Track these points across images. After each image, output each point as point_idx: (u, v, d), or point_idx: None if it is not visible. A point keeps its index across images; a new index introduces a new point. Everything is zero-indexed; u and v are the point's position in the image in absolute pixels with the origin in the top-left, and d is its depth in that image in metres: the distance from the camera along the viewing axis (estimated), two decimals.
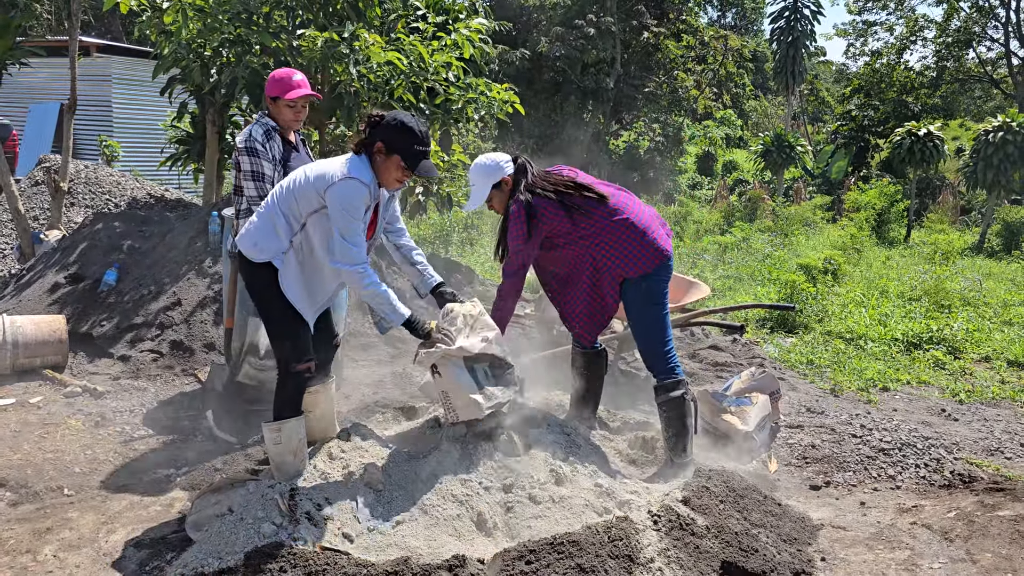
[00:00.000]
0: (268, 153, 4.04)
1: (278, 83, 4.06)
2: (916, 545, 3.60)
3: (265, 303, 3.37)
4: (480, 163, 3.78)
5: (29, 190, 8.99)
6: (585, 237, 3.73)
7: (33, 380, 5.19)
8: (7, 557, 3.21)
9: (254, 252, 3.33)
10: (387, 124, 3.27)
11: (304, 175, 3.30)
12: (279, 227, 3.30)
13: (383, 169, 3.31)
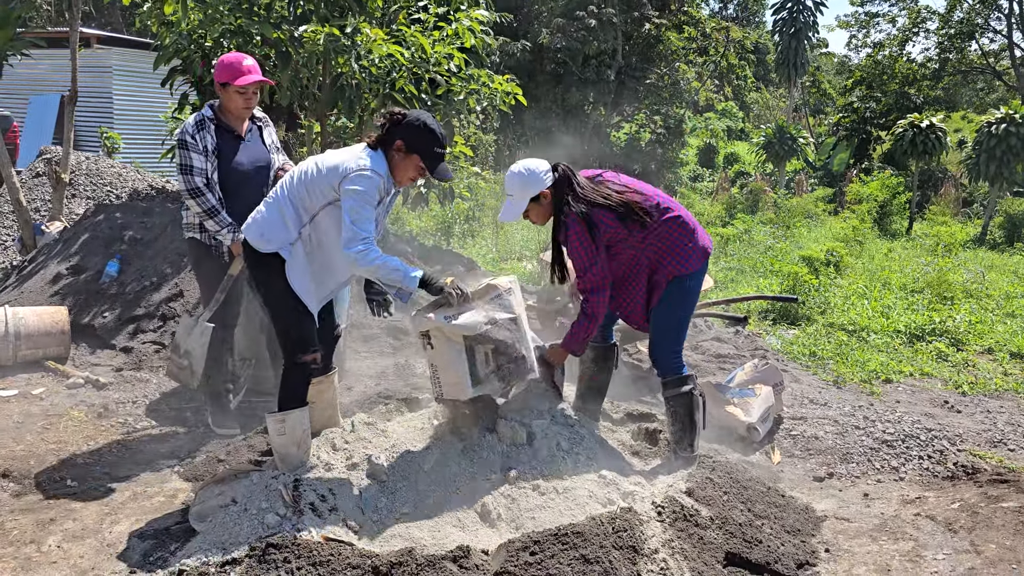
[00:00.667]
0: (199, 144, 3.96)
1: (227, 68, 3.95)
2: (920, 536, 3.59)
3: (271, 294, 3.35)
4: (518, 173, 3.54)
5: (30, 181, 8.97)
6: (641, 240, 3.61)
7: (35, 371, 5.19)
8: (11, 547, 3.21)
9: (261, 242, 3.31)
10: (410, 123, 3.27)
11: (316, 167, 3.29)
12: (287, 218, 3.29)
13: (400, 167, 3.32)
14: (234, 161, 4.07)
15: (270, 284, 3.34)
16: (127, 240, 6.44)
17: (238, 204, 4.07)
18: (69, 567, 3.11)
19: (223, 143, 4.06)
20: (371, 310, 3.69)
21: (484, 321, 3.38)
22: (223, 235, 4.05)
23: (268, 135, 4.30)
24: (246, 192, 4.09)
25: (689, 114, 30.30)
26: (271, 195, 3.38)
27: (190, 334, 4.22)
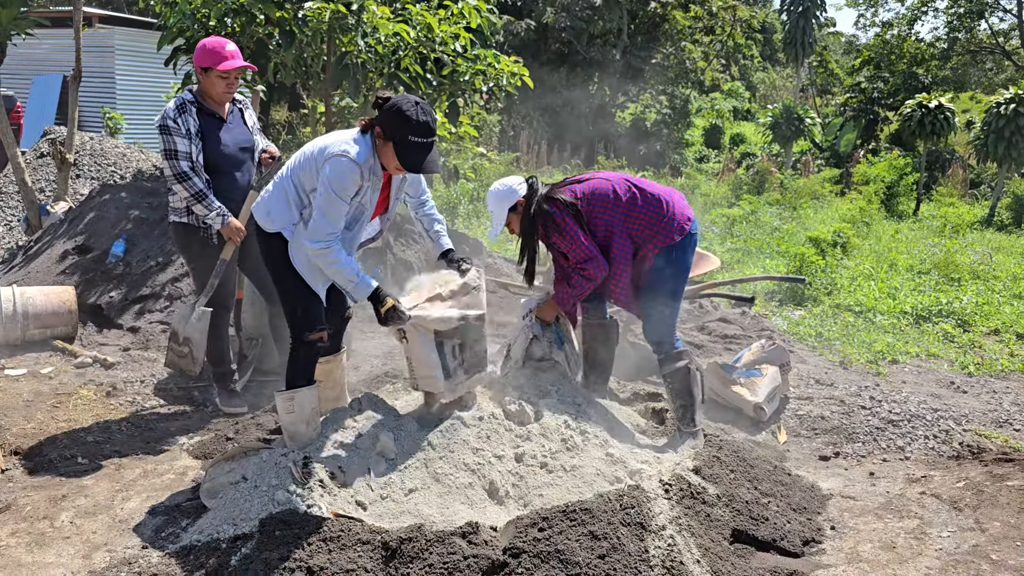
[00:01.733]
0: (181, 128, 3.93)
1: (210, 53, 3.91)
2: (925, 514, 3.61)
3: (278, 273, 3.36)
4: (495, 191, 3.83)
5: (35, 162, 8.97)
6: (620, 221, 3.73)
7: (44, 351, 5.21)
8: (25, 523, 3.25)
9: (267, 222, 3.31)
10: (387, 109, 3.11)
11: (312, 148, 3.24)
12: (291, 198, 3.27)
13: (383, 154, 3.18)
14: (217, 143, 4.04)
15: (276, 263, 3.34)
16: (132, 220, 6.45)
17: (223, 186, 4.08)
18: (82, 542, 3.14)
19: (206, 126, 4.02)
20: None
21: (457, 317, 3.41)
22: (212, 219, 4.03)
23: (249, 117, 4.27)
24: (231, 174, 4.09)
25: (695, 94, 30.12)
26: (278, 175, 3.36)
27: (187, 321, 4.22)
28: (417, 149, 3.10)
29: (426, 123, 3.09)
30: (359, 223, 3.36)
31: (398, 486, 3.15)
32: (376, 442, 3.31)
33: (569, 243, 3.70)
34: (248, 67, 4.01)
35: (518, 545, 2.78)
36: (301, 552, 2.78)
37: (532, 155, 19.01)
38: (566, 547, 2.78)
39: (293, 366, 3.38)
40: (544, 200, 3.76)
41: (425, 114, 3.10)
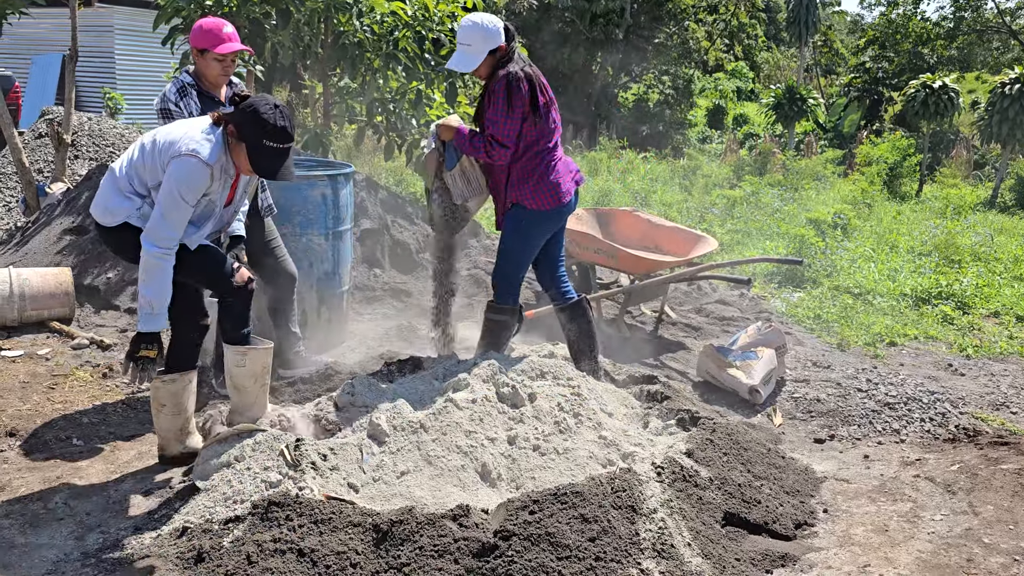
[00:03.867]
0: (183, 112, 3.81)
1: (206, 34, 3.78)
2: (919, 497, 3.61)
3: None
4: (481, 25, 3.72)
5: (33, 142, 8.94)
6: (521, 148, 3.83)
7: (40, 332, 5.21)
8: (19, 505, 3.26)
9: (107, 217, 3.12)
10: (243, 108, 2.99)
11: (157, 140, 3.05)
12: (126, 191, 3.10)
13: (236, 153, 3.06)
14: None
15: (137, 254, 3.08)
16: None
17: None
18: (75, 524, 3.15)
19: (206, 108, 3.90)
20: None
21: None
22: None
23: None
24: None
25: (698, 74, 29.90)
26: (109, 171, 3.18)
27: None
28: (272, 155, 2.99)
29: (284, 128, 2.97)
30: (209, 220, 3.19)
31: (390, 468, 3.16)
32: (369, 424, 3.31)
33: (499, 118, 3.72)
34: (246, 50, 3.94)
35: (508, 528, 2.79)
36: (293, 534, 2.79)
37: None
38: (556, 530, 2.78)
39: (230, 318, 3.32)
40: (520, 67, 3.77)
41: (284, 119, 2.98)
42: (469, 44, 3.74)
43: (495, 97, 3.72)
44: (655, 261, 5.54)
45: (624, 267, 5.51)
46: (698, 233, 6.02)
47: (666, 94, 26.21)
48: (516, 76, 3.71)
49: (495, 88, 3.72)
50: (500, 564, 2.69)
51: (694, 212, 10.33)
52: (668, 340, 5.64)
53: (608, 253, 5.46)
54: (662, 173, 14.61)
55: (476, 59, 3.73)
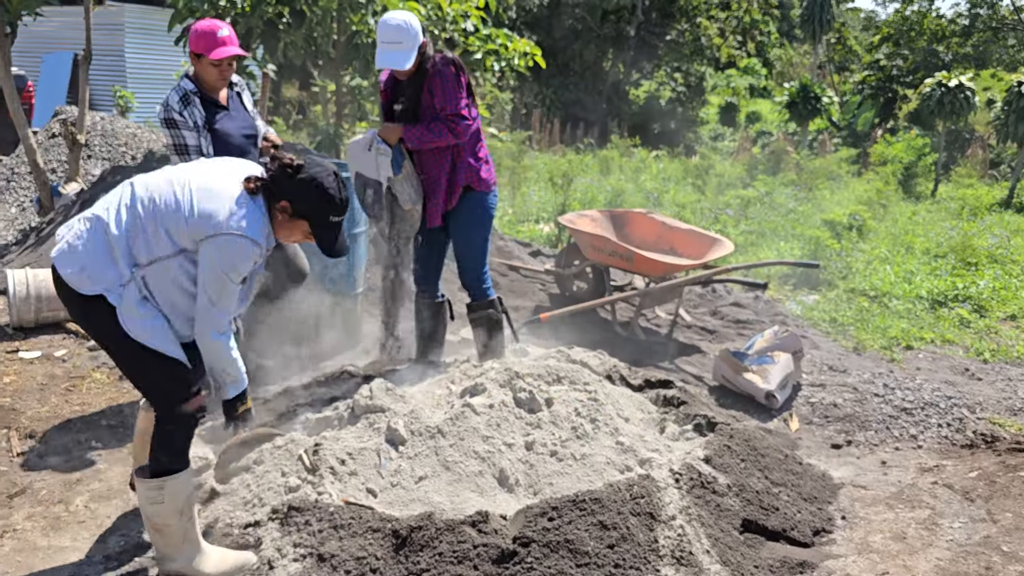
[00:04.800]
0: (188, 121, 3.69)
1: (202, 38, 3.66)
2: (937, 505, 3.60)
3: (115, 347, 2.59)
4: (407, 21, 3.79)
5: (46, 142, 8.99)
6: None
7: (57, 333, 5.24)
8: (41, 507, 3.29)
9: (81, 280, 2.51)
10: (301, 182, 2.62)
11: (175, 202, 2.53)
12: (120, 252, 2.53)
13: (283, 227, 2.70)
14: (221, 132, 3.83)
15: (107, 335, 2.56)
16: None
17: None
18: (96, 526, 3.18)
19: (209, 115, 3.80)
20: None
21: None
22: None
23: (247, 100, 4.08)
24: None
25: (710, 71, 29.79)
26: (93, 215, 2.58)
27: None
28: (335, 229, 2.72)
29: (347, 200, 2.73)
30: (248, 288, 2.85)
31: (408, 474, 3.16)
32: (387, 429, 3.31)
33: (451, 95, 3.83)
34: (242, 54, 3.76)
35: (528, 534, 2.79)
36: (313, 539, 2.80)
37: (545, 134, 18.88)
38: (576, 537, 2.78)
39: (165, 446, 2.65)
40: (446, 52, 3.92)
41: (345, 189, 2.73)
42: (400, 42, 3.80)
43: (442, 80, 3.84)
44: (671, 264, 5.52)
45: (639, 270, 5.50)
46: (713, 235, 6.00)
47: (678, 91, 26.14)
48: (454, 58, 3.90)
49: (440, 71, 3.84)
50: (520, 570, 2.69)
51: (708, 213, 10.30)
52: (683, 343, 5.63)
53: (623, 256, 5.45)
54: (674, 172, 14.57)
55: (410, 56, 3.80)
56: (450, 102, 3.84)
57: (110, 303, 2.50)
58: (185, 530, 2.71)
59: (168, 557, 2.74)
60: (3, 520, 3.20)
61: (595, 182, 12.52)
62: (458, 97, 3.86)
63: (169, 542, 2.71)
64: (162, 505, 2.66)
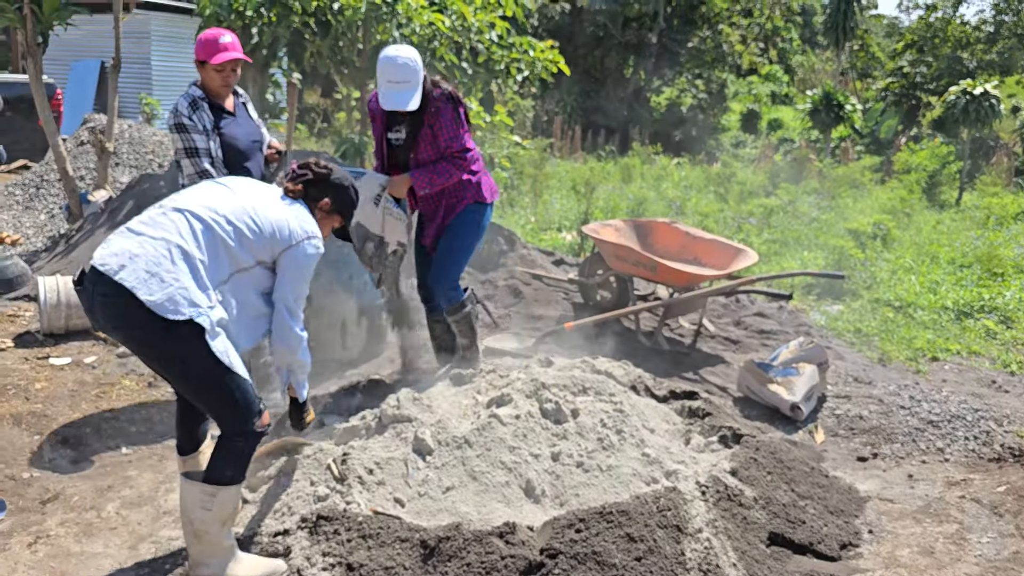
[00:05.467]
0: (198, 125, 3.77)
1: (204, 46, 3.79)
2: (965, 519, 3.57)
3: (199, 371, 2.65)
4: (413, 59, 3.79)
5: (75, 150, 9.12)
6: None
7: (86, 340, 5.32)
8: (73, 513, 3.34)
9: (168, 305, 2.53)
10: (339, 184, 3.03)
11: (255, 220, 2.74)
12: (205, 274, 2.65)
13: (322, 223, 3.02)
14: (229, 136, 3.94)
15: (190, 356, 2.61)
16: None
17: None
18: (128, 533, 3.22)
19: (217, 120, 3.91)
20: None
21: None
22: None
23: (252, 110, 4.19)
24: (244, 167, 4.00)
25: (732, 78, 29.70)
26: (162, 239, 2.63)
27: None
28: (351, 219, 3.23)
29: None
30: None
31: (435, 484, 3.18)
32: (414, 439, 3.34)
33: (455, 133, 3.92)
34: (244, 59, 3.88)
35: (555, 546, 2.80)
36: (341, 548, 2.83)
37: (566, 141, 18.90)
38: (603, 549, 2.79)
39: (233, 460, 2.76)
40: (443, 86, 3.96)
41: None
42: (407, 81, 3.80)
43: (444, 119, 3.89)
44: (694, 274, 5.52)
45: (663, 280, 5.50)
46: (737, 245, 5.98)
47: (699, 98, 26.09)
48: (452, 93, 3.93)
49: (441, 109, 3.88)
50: None
51: (730, 221, 10.26)
52: (707, 353, 5.62)
53: (647, 266, 5.45)
54: (696, 179, 14.54)
55: (416, 94, 3.81)
56: (455, 140, 3.93)
57: (197, 325, 2.56)
58: (223, 538, 2.78)
59: (202, 563, 2.79)
60: (36, 526, 3.26)
61: (617, 190, 12.52)
62: (461, 133, 3.94)
63: (205, 548, 2.76)
64: (209, 512, 2.73)
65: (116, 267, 2.54)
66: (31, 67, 6.85)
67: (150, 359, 2.71)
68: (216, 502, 2.72)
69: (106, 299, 2.57)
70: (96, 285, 2.58)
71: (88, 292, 2.63)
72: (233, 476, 2.75)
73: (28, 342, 5.22)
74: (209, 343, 2.59)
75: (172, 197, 2.83)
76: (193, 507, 2.74)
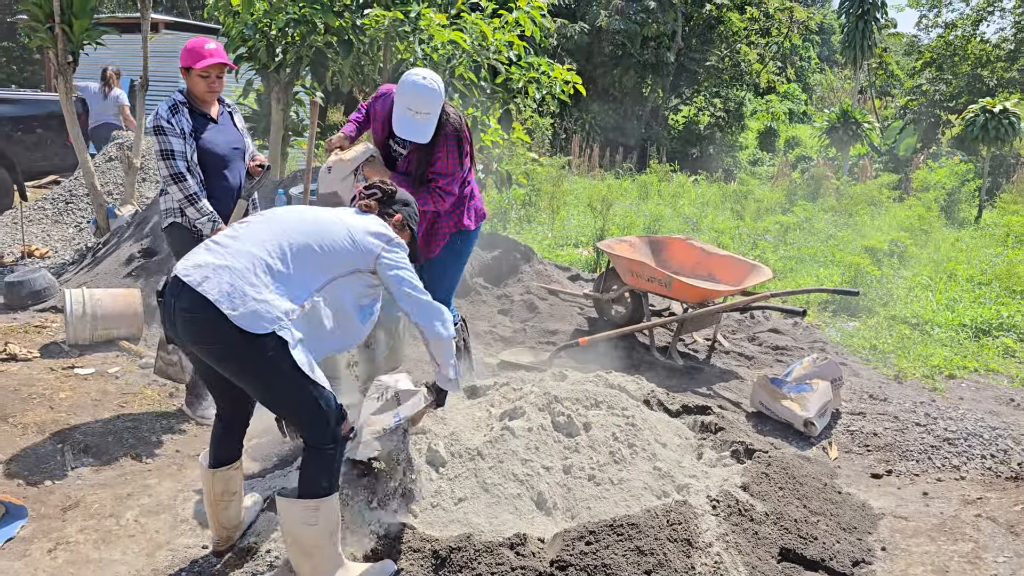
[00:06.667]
0: (176, 128, 3.93)
1: (189, 53, 3.96)
2: (980, 538, 3.55)
3: (283, 383, 2.65)
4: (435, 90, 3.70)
5: (103, 165, 9.30)
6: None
7: (110, 351, 5.42)
8: (92, 520, 3.40)
9: (255, 319, 2.55)
10: (404, 200, 3.14)
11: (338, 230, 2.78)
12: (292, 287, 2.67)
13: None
14: (210, 143, 4.07)
15: (275, 368, 2.61)
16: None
17: (215, 187, 4.09)
18: (146, 541, 3.28)
19: (197, 125, 4.05)
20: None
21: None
22: (202, 223, 4.01)
23: (238, 120, 4.31)
24: (222, 173, 4.12)
25: (749, 96, 29.71)
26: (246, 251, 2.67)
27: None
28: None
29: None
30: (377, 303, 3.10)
31: (448, 495, 3.22)
32: (427, 450, 3.38)
33: (449, 169, 3.89)
34: (227, 64, 4.02)
35: (565, 558, 2.83)
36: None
37: (584, 158, 18.98)
38: (613, 562, 2.81)
39: (325, 470, 2.73)
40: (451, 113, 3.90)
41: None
42: (429, 113, 3.72)
43: (447, 152, 3.86)
44: (709, 290, 5.54)
45: (678, 295, 5.52)
46: (752, 262, 6.00)
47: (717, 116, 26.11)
48: (463, 131, 3.91)
49: (447, 142, 3.85)
50: None
51: (746, 238, 10.26)
52: (721, 369, 5.63)
53: (662, 281, 5.48)
54: (712, 197, 14.55)
55: (434, 127, 3.78)
56: (444, 177, 3.89)
57: (279, 338, 2.57)
58: (334, 549, 2.76)
59: None
60: (57, 532, 3.32)
61: (633, 206, 12.55)
62: (453, 172, 3.90)
63: (318, 563, 2.74)
64: (315, 527, 2.70)
65: (199, 279, 2.57)
66: (62, 86, 7.01)
67: (232, 373, 2.69)
68: (320, 516, 2.70)
69: (188, 313, 2.59)
70: (178, 299, 2.61)
71: (169, 305, 2.65)
72: (330, 486, 2.72)
73: (54, 352, 5.33)
74: (292, 354, 2.59)
75: (257, 213, 2.91)
76: (297, 525, 2.71)
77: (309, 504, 2.69)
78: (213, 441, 3.06)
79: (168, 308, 2.67)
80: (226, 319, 2.52)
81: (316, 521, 2.69)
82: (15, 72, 25.28)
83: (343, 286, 2.77)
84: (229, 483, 3.05)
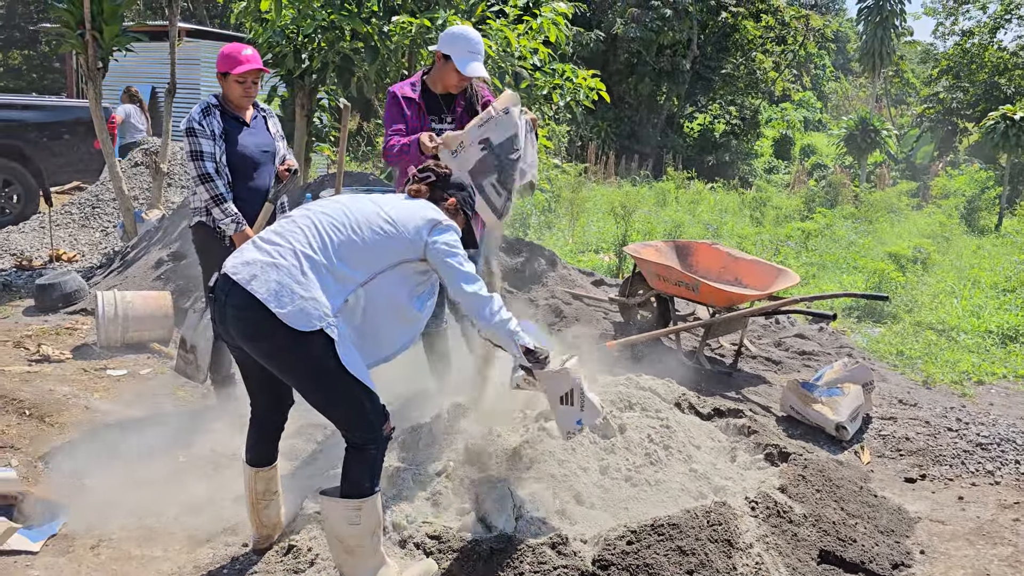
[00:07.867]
0: (206, 130, 4.01)
1: (225, 59, 4.03)
2: (1019, 542, 3.53)
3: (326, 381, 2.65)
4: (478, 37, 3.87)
5: (130, 171, 9.40)
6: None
7: (142, 353, 5.47)
8: (133, 518, 3.43)
9: (301, 316, 2.55)
10: (458, 183, 3.04)
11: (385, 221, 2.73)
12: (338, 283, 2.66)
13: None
14: (240, 145, 4.12)
15: (321, 367, 2.62)
16: None
17: (244, 188, 4.15)
18: (186, 538, 3.31)
19: (229, 128, 4.11)
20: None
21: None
22: (226, 224, 4.06)
23: (273, 124, 4.35)
24: (252, 176, 4.17)
25: (765, 104, 29.69)
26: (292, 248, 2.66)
27: (196, 329, 4.28)
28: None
29: None
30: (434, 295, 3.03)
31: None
32: (464, 452, 3.39)
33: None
34: (263, 70, 4.09)
35: (607, 558, 2.84)
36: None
37: (600, 166, 19.01)
38: (654, 561, 2.82)
39: (369, 469, 2.74)
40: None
41: None
42: (480, 53, 3.89)
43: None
44: (736, 294, 5.54)
45: (705, 299, 5.52)
46: (779, 266, 6.00)
47: (732, 124, 26.09)
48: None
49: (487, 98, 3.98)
50: None
51: (768, 244, 10.25)
52: (748, 374, 5.62)
53: (689, 285, 5.49)
54: (731, 204, 14.54)
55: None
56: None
57: (327, 336, 2.57)
58: (377, 548, 2.77)
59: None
60: (98, 530, 3.35)
61: (652, 213, 12.56)
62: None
63: (359, 562, 2.74)
64: (359, 526, 2.71)
65: (248, 276, 2.60)
66: (91, 91, 7.10)
67: (280, 371, 2.70)
68: (363, 515, 2.70)
69: (238, 311, 2.62)
70: (228, 296, 2.63)
71: (220, 302, 2.67)
72: (372, 485, 2.73)
73: (86, 354, 5.39)
74: (339, 353, 2.59)
75: (302, 207, 2.87)
76: (341, 524, 2.73)
77: (352, 504, 2.71)
78: (249, 443, 3.09)
79: (219, 304, 2.70)
80: (274, 317, 2.54)
81: (359, 520, 2.71)
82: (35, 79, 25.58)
83: (391, 278, 2.72)
84: (270, 483, 3.09)
